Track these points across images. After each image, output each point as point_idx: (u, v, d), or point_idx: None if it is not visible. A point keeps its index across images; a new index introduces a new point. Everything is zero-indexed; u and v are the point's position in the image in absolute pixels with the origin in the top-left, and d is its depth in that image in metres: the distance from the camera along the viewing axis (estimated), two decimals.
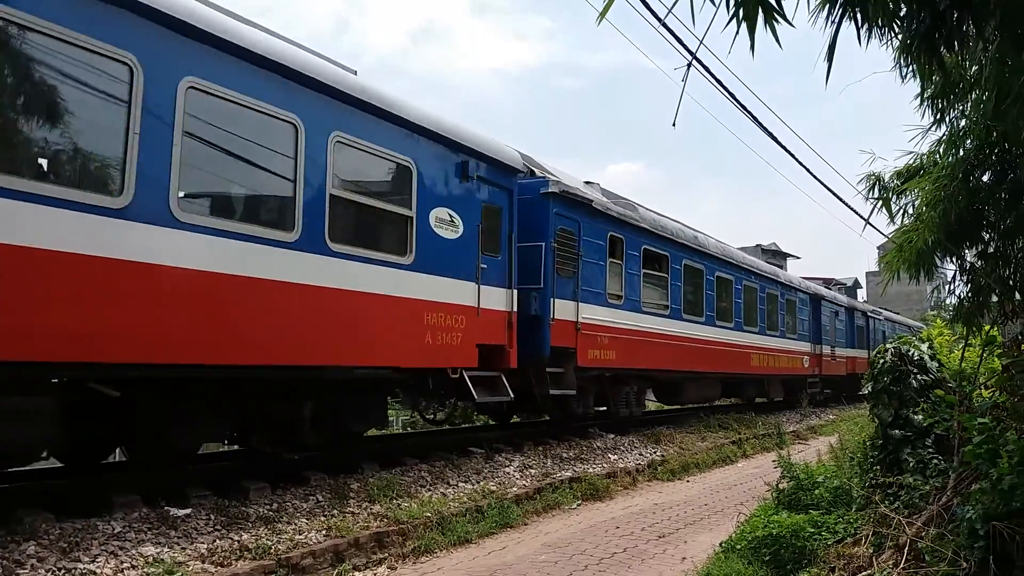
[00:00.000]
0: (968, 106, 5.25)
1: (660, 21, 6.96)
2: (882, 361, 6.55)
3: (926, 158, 5.77)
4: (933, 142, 5.62)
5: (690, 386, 17.28)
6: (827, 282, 34.40)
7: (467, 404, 11.53)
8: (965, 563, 4.30)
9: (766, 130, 13.39)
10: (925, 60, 3.60)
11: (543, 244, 11.83)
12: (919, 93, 5.20)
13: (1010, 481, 4.34)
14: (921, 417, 5.97)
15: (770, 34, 2.87)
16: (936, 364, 6.56)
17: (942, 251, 5.78)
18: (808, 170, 15.87)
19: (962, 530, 4.49)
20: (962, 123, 5.33)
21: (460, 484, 9.11)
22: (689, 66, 3.36)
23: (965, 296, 6.12)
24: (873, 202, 6.28)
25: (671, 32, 8.11)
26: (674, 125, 3.15)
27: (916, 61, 3.88)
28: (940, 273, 6.42)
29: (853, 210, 28.06)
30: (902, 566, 4.60)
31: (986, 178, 5.47)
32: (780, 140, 15.83)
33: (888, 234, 6.92)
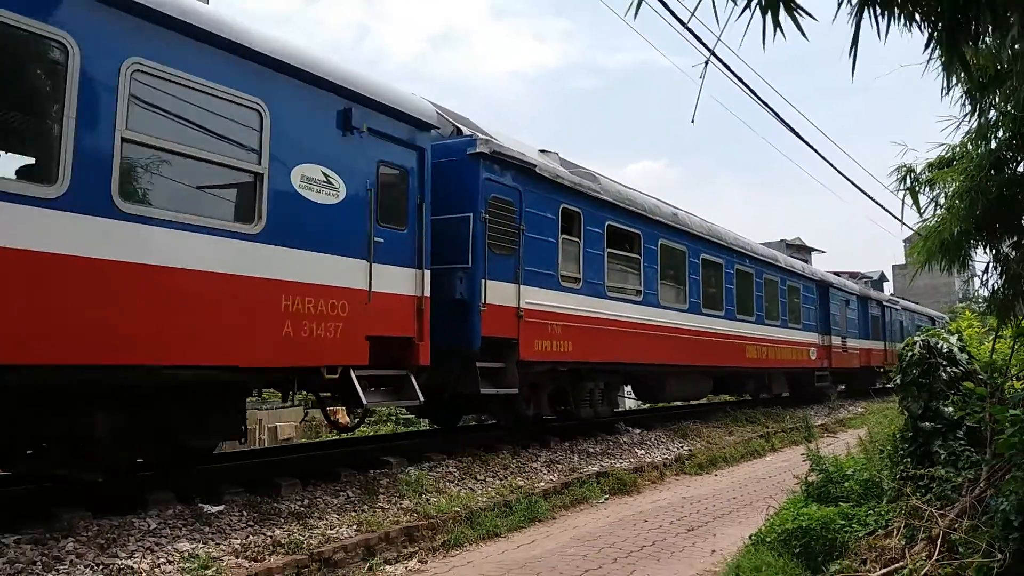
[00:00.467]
0: (998, 97, 5.19)
1: (683, 24, 6.93)
2: (911, 354, 6.50)
3: (959, 149, 5.70)
4: (965, 133, 5.57)
5: (673, 381, 15.33)
6: (853, 276, 33.98)
7: (356, 409, 9.09)
8: (1000, 555, 4.27)
9: (787, 125, 13.32)
10: (947, 55, 3.57)
11: (471, 215, 9.85)
12: (945, 87, 5.15)
13: None
14: (952, 409, 5.92)
15: (792, 25, 2.87)
16: (966, 356, 6.50)
17: (973, 241, 5.72)
18: (832, 164, 15.75)
19: (996, 521, 4.45)
20: (992, 114, 5.27)
21: (488, 479, 9.16)
22: (707, 63, 3.37)
23: (999, 287, 6.05)
24: (904, 192, 6.21)
25: (690, 31, 8.10)
26: (692, 121, 3.17)
27: (941, 57, 3.84)
28: (971, 265, 6.35)
29: (878, 204, 27.86)
30: (935, 558, 4.57)
31: (1022, 168, 5.40)
32: (802, 135, 15.71)
33: (915, 226, 6.85)
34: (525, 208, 10.80)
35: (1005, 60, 4.61)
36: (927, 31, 3.42)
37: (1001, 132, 5.23)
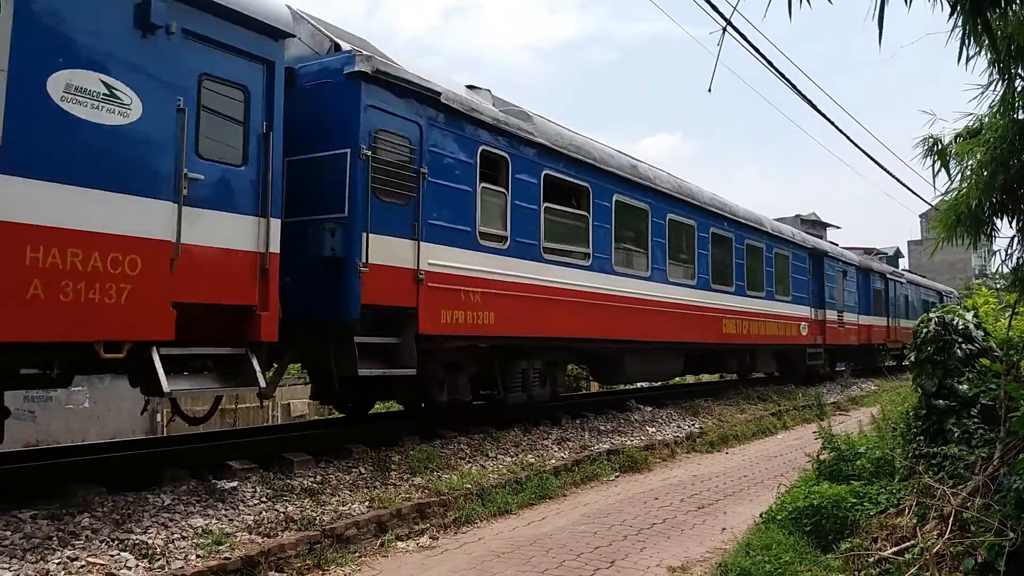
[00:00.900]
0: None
1: None
2: (926, 331, 6.44)
3: (986, 120, 5.60)
4: (990, 104, 5.47)
5: (634, 360, 13.29)
6: (868, 251, 33.64)
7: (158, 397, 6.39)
8: (1012, 533, 4.24)
9: (805, 97, 13.16)
10: (970, 22, 3.50)
11: (348, 152, 7.89)
12: (965, 56, 5.05)
13: None
14: (966, 387, 5.87)
15: None
16: (982, 333, 6.44)
17: (999, 214, 5.65)
18: (849, 138, 15.49)
19: (1009, 500, 4.43)
20: (1018, 84, 5.17)
21: (499, 456, 9.20)
22: (724, 31, 3.32)
23: (1023, 261, 5.97)
24: (930, 167, 6.11)
25: (708, 0, 7.97)
26: (710, 90, 3.12)
27: (964, 25, 3.77)
28: (995, 239, 6.25)
29: (895, 177, 27.50)
30: (947, 536, 4.56)
31: None
32: (819, 108, 15.52)
33: (934, 201, 6.76)
34: (429, 147, 8.74)
35: None
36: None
37: None
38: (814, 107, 13.59)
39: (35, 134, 5.41)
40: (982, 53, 4.95)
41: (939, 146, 6.07)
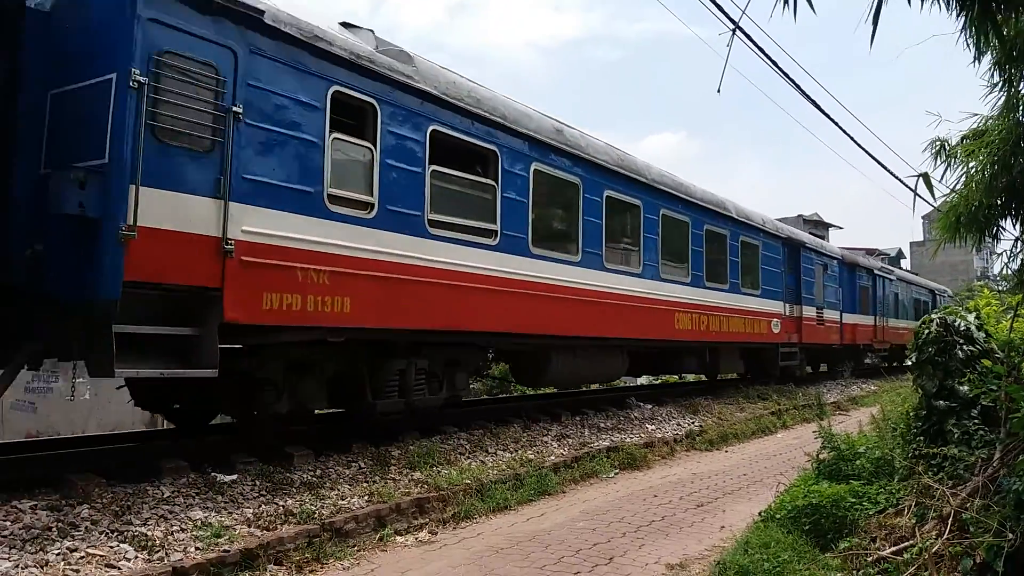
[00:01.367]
0: None
1: None
2: (927, 331, 6.44)
3: (992, 121, 5.60)
4: (995, 106, 5.47)
5: (561, 359, 11.41)
6: (870, 252, 33.69)
7: None
8: (1011, 534, 4.24)
9: (809, 98, 13.13)
10: (979, 24, 3.49)
11: (112, 78, 5.96)
12: (975, 57, 5.04)
13: None
14: (967, 388, 5.87)
15: None
16: (983, 334, 6.43)
17: (1000, 215, 5.65)
18: (852, 138, 15.34)
19: (1008, 501, 4.43)
20: (1022, 87, 5.17)
21: (499, 452, 9.21)
22: (733, 33, 3.31)
23: None
24: (934, 163, 6.10)
25: (714, 1, 7.94)
26: (719, 91, 3.11)
27: (971, 25, 3.76)
28: (1000, 240, 6.25)
29: (898, 179, 27.44)
30: (945, 536, 4.56)
31: None
32: (823, 108, 15.50)
33: (938, 201, 6.76)
34: (248, 82, 6.76)
35: None
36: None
37: None
38: (818, 107, 13.56)
39: None
40: (987, 55, 4.95)
41: (947, 148, 6.07)
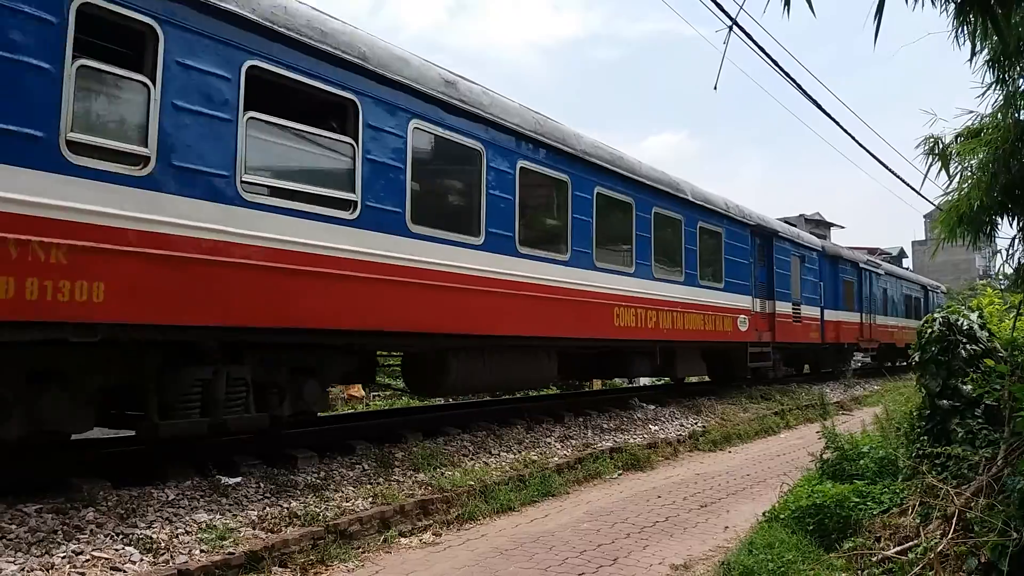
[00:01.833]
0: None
1: None
2: (930, 331, 6.45)
3: (988, 119, 5.60)
4: (992, 103, 5.47)
5: (464, 363, 9.56)
6: (872, 251, 33.61)
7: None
8: (1016, 534, 4.24)
9: (809, 96, 13.15)
10: (979, 20, 3.50)
11: None
12: (972, 54, 5.05)
13: None
14: (970, 387, 5.87)
15: None
16: (986, 334, 6.44)
17: (999, 214, 5.65)
18: (853, 137, 15.35)
19: (1013, 500, 4.42)
20: (1020, 84, 5.18)
21: (502, 453, 9.22)
22: (730, 30, 3.32)
23: None
24: (934, 166, 6.11)
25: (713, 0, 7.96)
26: (715, 88, 3.11)
27: (970, 22, 3.77)
28: (996, 239, 6.26)
29: (899, 178, 27.40)
30: (950, 536, 4.56)
31: None
32: (824, 107, 15.50)
33: (937, 201, 6.77)
34: None
35: None
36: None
37: None
38: (818, 106, 13.57)
39: None
40: (985, 52, 4.96)
41: (940, 146, 6.07)
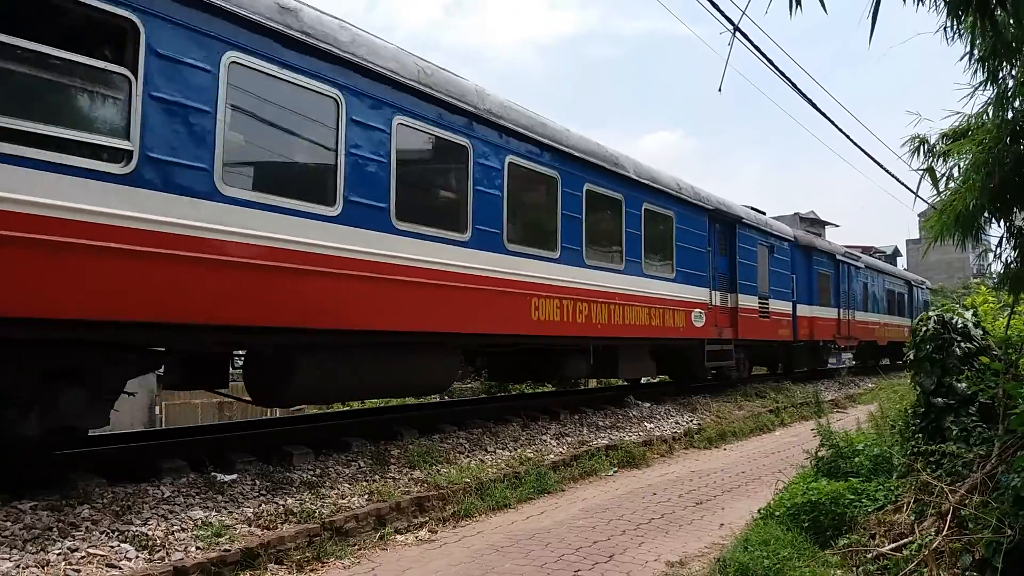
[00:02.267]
0: (1018, 66, 5.11)
1: None
2: (924, 329, 6.47)
3: (974, 119, 5.62)
4: (982, 103, 5.48)
5: (319, 363, 7.66)
6: (866, 250, 33.68)
7: None
8: (1010, 530, 4.26)
9: (805, 96, 13.18)
10: (977, 18, 3.51)
11: None
12: (967, 52, 5.06)
13: None
14: (965, 385, 5.89)
15: None
16: (980, 331, 6.46)
17: (988, 215, 5.66)
18: (848, 136, 15.42)
19: (1007, 497, 4.45)
20: (1010, 83, 5.19)
21: (498, 451, 9.22)
22: (733, 35, 3.32)
23: (1012, 260, 6.00)
24: (920, 166, 6.14)
25: (711, 1, 7.97)
26: (720, 90, 3.13)
27: (967, 19, 3.78)
28: (985, 239, 6.29)
29: (894, 176, 27.46)
30: (944, 533, 4.58)
31: None
32: (819, 106, 15.51)
33: (930, 199, 6.79)
34: None
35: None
36: None
37: (1017, 102, 5.15)
38: (813, 105, 13.59)
39: None
40: (975, 51, 4.97)
41: (926, 145, 6.09)
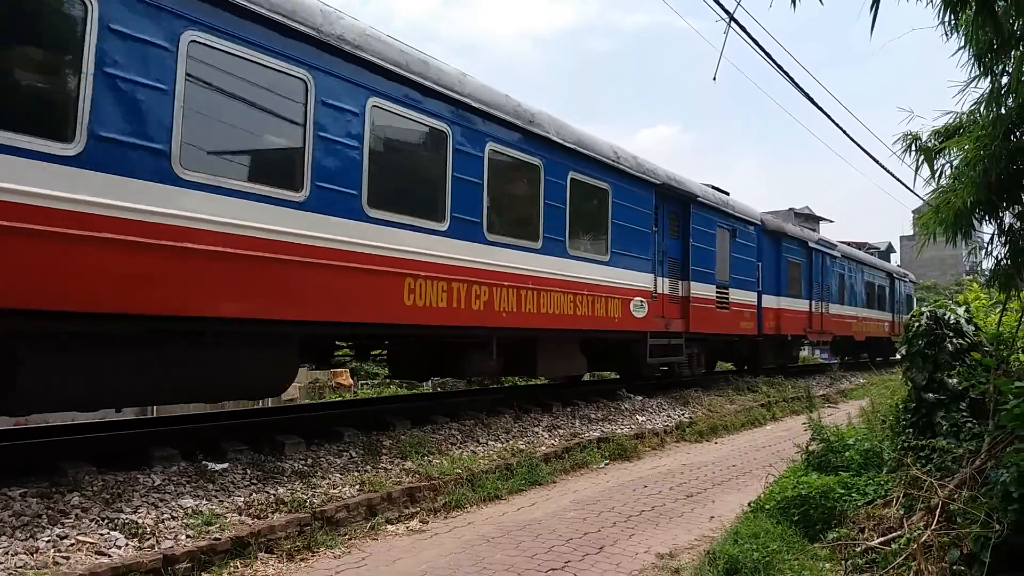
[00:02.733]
0: (1012, 62, 5.10)
1: None
2: (917, 324, 6.49)
3: (966, 117, 5.62)
4: (975, 100, 5.48)
5: (46, 362, 5.72)
6: (860, 245, 33.68)
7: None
8: (998, 525, 4.29)
9: (802, 90, 13.18)
10: (977, 12, 3.50)
11: None
12: (961, 47, 5.05)
13: None
14: (956, 380, 5.92)
15: None
16: (972, 328, 6.48)
17: (981, 212, 5.67)
18: (844, 131, 15.39)
19: (995, 493, 4.47)
20: (1004, 80, 5.18)
21: (490, 442, 9.23)
22: (729, 25, 3.31)
23: (1003, 258, 6.01)
24: (913, 163, 6.14)
25: None
26: (714, 79, 3.12)
27: (963, 14, 3.77)
28: (978, 236, 6.30)
29: (889, 172, 27.50)
30: (933, 527, 4.60)
31: None
32: (816, 101, 15.52)
33: (925, 196, 6.79)
34: None
35: (1019, 24, 4.54)
36: None
37: (1011, 99, 5.15)
38: (810, 99, 13.60)
39: None
40: (969, 48, 4.97)
41: (918, 142, 6.09)
